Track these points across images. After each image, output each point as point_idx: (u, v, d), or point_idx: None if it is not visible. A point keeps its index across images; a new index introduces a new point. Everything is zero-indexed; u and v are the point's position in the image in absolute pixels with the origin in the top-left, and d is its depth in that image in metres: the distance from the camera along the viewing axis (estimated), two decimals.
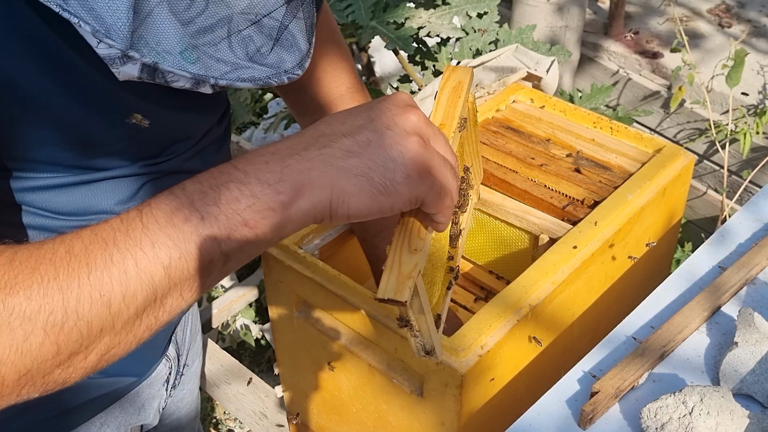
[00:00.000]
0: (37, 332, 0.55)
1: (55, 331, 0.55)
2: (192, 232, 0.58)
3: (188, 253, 0.58)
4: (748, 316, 0.88)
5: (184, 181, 0.60)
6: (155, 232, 0.57)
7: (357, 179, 0.61)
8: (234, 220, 0.58)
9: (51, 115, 0.70)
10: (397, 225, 0.72)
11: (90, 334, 0.57)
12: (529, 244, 1.22)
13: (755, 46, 2.67)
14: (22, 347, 0.55)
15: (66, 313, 0.56)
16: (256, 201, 0.59)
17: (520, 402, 1.04)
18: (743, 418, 0.79)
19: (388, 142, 0.62)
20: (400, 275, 0.69)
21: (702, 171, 2.46)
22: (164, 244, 0.57)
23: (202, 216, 0.58)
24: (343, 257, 1.25)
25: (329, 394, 1.23)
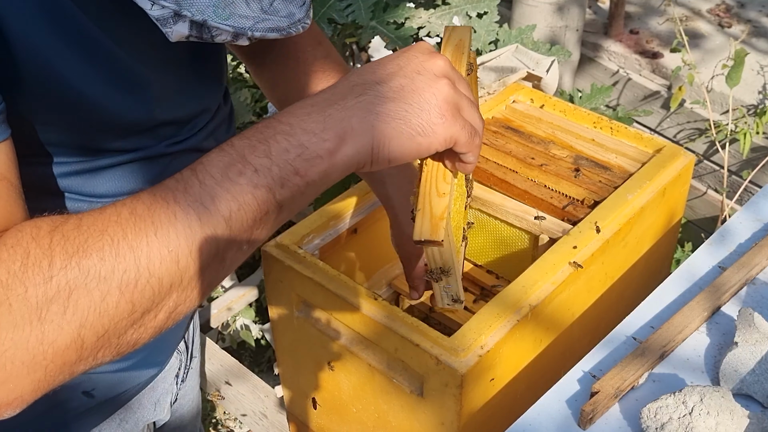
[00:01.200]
0: (113, 292, 0.57)
1: (129, 290, 0.57)
2: (248, 184, 0.59)
3: (246, 205, 0.59)
4: (748, 316, 0.88)
5: (230, 138, 0.62)
6: (213, 187, 0.59)
7: (395, 123, 0.63)
8: (286, 170, 0.60)
9: (88, 98, 0.71)
10: (421, 173, 0.75)
11: (161, 290, 0.58)
12: (529, 245, 1.22)
13: (755, 46, 2.67)
14: (100, 308, 0.56)
15: (138, 271, 0.57)
16: (305, 150, 0.61)
17: (520, 402, 1.04)
18: (743, 418, 0.79)
19: (421, 86, 0.64)
20: (432, 217, 0.73)
21: (702, 171, 2.46)
22: (223, 197, 0.59)
23: (255, 168, 0.60)
24: (343, 257, 1.25)
25: (329, 394, 1.23)
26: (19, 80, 0.66)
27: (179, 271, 0.59)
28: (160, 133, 0.82)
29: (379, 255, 1.34)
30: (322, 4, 1.77)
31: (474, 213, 1.28)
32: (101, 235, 0.57)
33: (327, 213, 1.21)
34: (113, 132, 0.76)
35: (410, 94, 0.64)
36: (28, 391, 0.57)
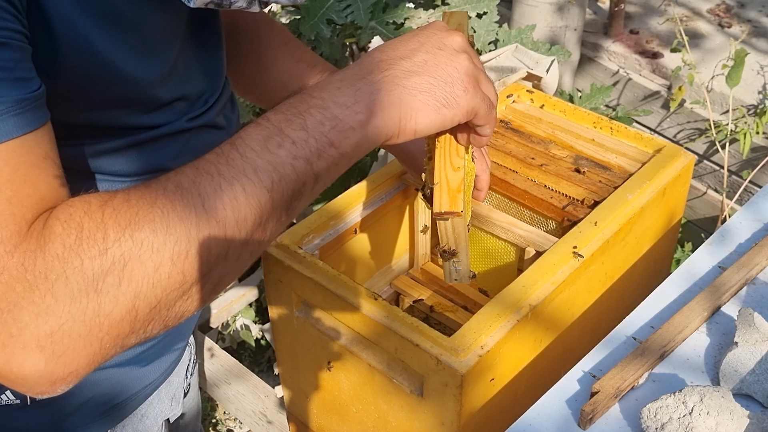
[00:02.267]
0: (165, 263, 0.58)
1: (180, 260, 0.59)
2: (287, 156, 0.62)
3: (287, 176, 0.62)
4: (748, 316, 0.88)
5: (264, 114, 0.64)
6: (254, 159, 0.61)
7: (421, 95, 0.66)
8: (321, 142, 0.63)
9: (118, 69, 0.72)
10: (434, 149, 0.79)
11: (209, 260, 0.60)
12: (515, 257, 1.22)
13: (755, 46, 2.67)
14: (153, 279, 0.58)
15: (189, 241, 0.59)
16: (338, 122, 0.64)
17: (520, 402, 1.04)
18: (743, 418, 0.79)
19: (443, 60, 0.67)
20: (450, 190, 0.78)
21: (702, 171, 2.46)
22: (265, 168, 0.61)
23: (293, 141, 0.62)
24: (343, 257, 1.25)
25: (329, 394, 1.23)
26: (58, 58, 0.66)
27: (226, 241, 0.61)
28: (178, 108, 0.83)
29: (379, 255, 1.34)
30: (322, 4, 1.77)
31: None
32: (151, 207, 0.58)
33: (327, 213, 1.21)
34: (140, 106, 0.78)
35: (434, 68, 0.67)
36: (83, 364, 0.58)
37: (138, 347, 0.91)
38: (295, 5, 0.84)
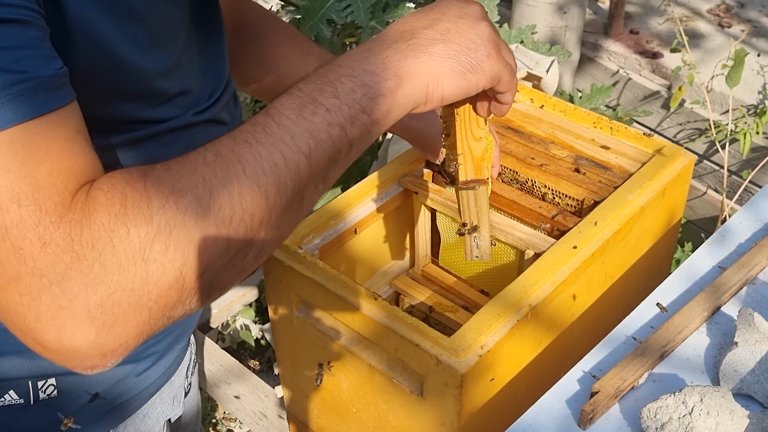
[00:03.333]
0: (211, 229, 0.58)
1: (225, 226, 0.59)
2: (322, 122, 0.63)
3: (323, 142, 0.63)
4: (748, 316, 0.88)
5: (296, 84, 0.65)
6: (291, 126, 0.62)
7: (447, 61, 0.67)
8: (354, 109, 0.64)
9: (126, 61, 0.72)
10: (453, 122, 0.80)
11: (252, 227, 0.60)
12: (515, 259, 1.22)
13: (755, 46, 2.67)
14: (199, 246, 0.58)
15: (232, 207, 0.59)
16: (369, 90, 0.65)
17: (520, 402, 1.04)
18: (743, 418, 0.79)
19: (465, 28, 0.69)
20: (474, 159, 0.81)
21: (702, 171, 2.46)
22: (302, 135, 0.62)
23: (327, 108, 0.63)
24: (343, 257, 1.25)
25: (329, 394, 1.23)
26: (69, 47, 0.66)
27: (268, 208, 0.61)
28: (184, 102, 0.83)
29: (379, 255, 1.34)
30: (322, 4, 1.77)
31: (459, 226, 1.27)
32: (192, 175, 0.59)
33: (327, 213, 1.21)
34: (146, 100, 0.78)
35: (457, 35, 0.68)
36: (133, 335, 0.57)
37: (141, 346, 0.91)
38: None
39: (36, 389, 0.85)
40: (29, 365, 0.84)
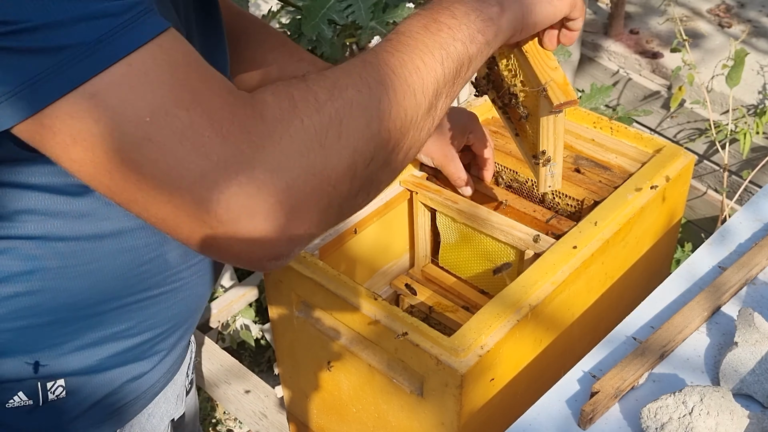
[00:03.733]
0: (374, 119, 0.63)
1: (385, 118, 0.63)
2: (448, 37, 0.69)
3: (451, 54, 0.69)
4: (748, 316, 0.88)
5: (413, 13, 0.71)
6: (423, 40, 0.68)
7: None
8: (471, 29, 0.71)
9: None
10: (527, 61, 0.89)
11: (405, 123, 0.65)
12: (515, 259, 1.22)
13: (755, 46, 2.67)
14: (366, 134, 0.62)
15: (389, 101, 0.64)
16: (480, 13, 0.72)
17: (520, 402, 1.04)
18: (743, 418, 0.79)
19: None
20: (560, 84, 0.88)
21: (702, 171, 2.46)
22: (434, 46, 0.68)
23: (449, 26, 0.70)
24: (343, 257, 1.25)
25: (329, 394, 1.23)
26: None
27: (416, 106, 0.66)
28: None
29: (379, 255, 1.34)
30: (322, 4, 1.77)
31: (459, 227, 1.28)
32: (348, 75, 0.63)
33: None
34: None
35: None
36: (315, 221, 0.61)
37: (147, 344, 0.91)
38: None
39: (45, 390, 0.85)
40: (38, 366, 0.84)
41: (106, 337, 0.86)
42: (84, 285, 0.81)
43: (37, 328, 0.81)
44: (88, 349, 0.85)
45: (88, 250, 0.79)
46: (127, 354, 0.89)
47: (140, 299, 0.86)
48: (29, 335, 0.81)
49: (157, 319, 0.90)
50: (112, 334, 0.86)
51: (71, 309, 0.82)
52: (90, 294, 0.82)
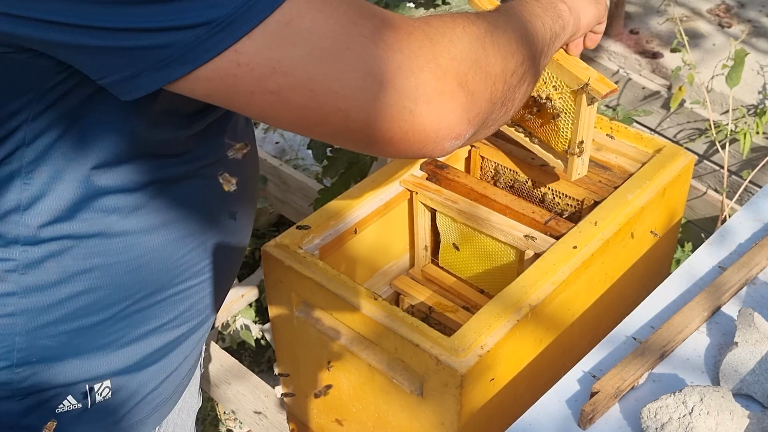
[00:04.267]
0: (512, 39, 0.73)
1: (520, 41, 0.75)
2: (543, 14, 0.82)
3: (542, 28, 0.81)
4: (748, 316, 0.88)
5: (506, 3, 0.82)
6: (523, 13, 0.80)
7: (593, 3, 0.91)
8: (553, 17, 0.84)
9: None
10: (557, 66, 1.08)
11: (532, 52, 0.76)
12: (515, 259, 1.22)
13: (755, 46, 2.67)
14: (509, 47, 0.72)
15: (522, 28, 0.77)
16: (555, 9, 0.85)
17: (520, 402, 1.04)
18: (743, 418, 0.79)
19: None
20: (599, 78, 1.06)
21: (702, 171, 2.46)
22: (533, 19, 0.80)
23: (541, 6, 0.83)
24: (343, 257, 1.25)
25: (329, 394, 1.23)
26: None
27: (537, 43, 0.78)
28: None
29: (379, 255, 1.34)
30: None
31: (459, 227, 1.28)
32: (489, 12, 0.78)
33: (327, 213, 1.21)
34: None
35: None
36: (483, 108, 0.68)
37: (183, 335, 0.91)
38: None
39: (93, 392, 0.85)
40: (87, 367, 0.83)
41: (148, 332, 0.86)
42: (136, 279, 0.81)
43: (89, 328, 0.81)
44: (132, 346, 0.85)
45: (139, 243, 0.80)
46: (166, 348, 0.89)
47: (182, 290, 0.87)
48: (82, 336, 0.81)
49: (193, 311, 0.91)
50: (154, 329, 0.86)
51: (123, 305, 0.82)
52: (140, 288, 0.82)
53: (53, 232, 0.75)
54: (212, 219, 0.86)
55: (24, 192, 0.72)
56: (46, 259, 0.76)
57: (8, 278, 0.76)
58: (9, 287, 0.76)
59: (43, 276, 0.76)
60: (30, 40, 0.61)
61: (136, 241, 0.79)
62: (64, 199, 0.74)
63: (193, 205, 0.83)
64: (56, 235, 0.75)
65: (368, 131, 0.64)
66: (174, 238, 0.82)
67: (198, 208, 0.84)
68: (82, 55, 0.61)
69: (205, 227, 0.85)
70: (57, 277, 0.77)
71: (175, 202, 0.81)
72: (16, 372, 0.80)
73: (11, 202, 0.73)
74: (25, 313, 0.77)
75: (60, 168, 0.72)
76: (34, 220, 0.74)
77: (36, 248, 0.75)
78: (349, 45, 0.61)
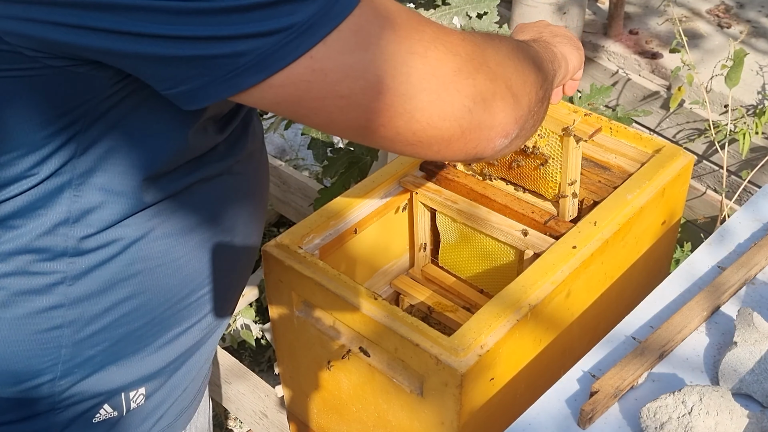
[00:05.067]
0: (531, 62, 0.77)
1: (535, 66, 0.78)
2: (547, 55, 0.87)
3: (549, 64, 0.86)
4: (747, 316, 0.88)
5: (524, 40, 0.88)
6: (537, 50, 0.85)
7: (569, 47, 0.96)
8: (552, 52, 0.90)
9: None
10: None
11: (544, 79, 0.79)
12: (515, 259, 1.22)
13: (755, 46, 2.67)
14: (533, 66, 0.77)
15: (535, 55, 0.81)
16: (556, 50, 0.91)
17: (519, 401, 1.04)
18: (742, 418, 0.79)
19: (561, 30, 0.99)
20: (582, 117, 1.18)
21: (701, 171, 2.46)
22: (541, 52, 0.85)
23: (545, 49, 0.88)
24: (343, 257, 1.25)
25: (329, 394, 1.23)
26: None
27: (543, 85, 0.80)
28: None
29: (379, 255, 1.34)
30: None
31: (458, 227, 1.28)
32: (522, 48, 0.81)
33: (327, 213, 1.21)
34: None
35: (562, 32, 0.98)
36: (523, 113, 0.73)
37: (207, 334, 0.92)
38: None
39: (128, 400, 0.85)
40: (124, 374, 0.83)
41: (179, 334, 0.86)
42: (175, 282, 0.82)
43: (130, 334, 0.81)
44: (164, 349, 0.85)
45: (179, 244, 0.81)
46: (192, 349, 0.90)
47: (212, 289, 0.88)
48: (122, 343, 0.81)
49: (217, 310, 0.91)
50: (184, 330, 0.87)
51: (161, 309, 0.82)
52: (179, 290, 0.83)
53: (100, 241, 0.75)
54: (239, 215, 0.88)
55: (74, 204, 0.72)
56: (94, 268, 0.76)
57: (55, 291, 0.75)
58: (56, 299, 0.76)
59: (90, 285, 0.76)
60: (98, 51, 0.61)
61: (175, 242, 0.80)
62: (113, 209, 0.74)
63: (224, 202, 0.85)
64: (103, 243, 0.75)
65: (431, 131, 0.66)
66: (207, 237, 0.83)
67: (229, 205, 0.85)
68: (152, 64, 0.61)
69: (233, 224, 0.87)
70: (103, 285, 0.77)
71: (209, 200, 0.83)
72: (59, 384, 0.80)
73: (61, 215, 0.73)
74: (72, 324, 0.77)
75: (109, 178, 0.72)
76: (83, 232, 0.74)
77: (83, 258, 0.75)
78: (413, 49, 0.64)
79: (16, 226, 0.72)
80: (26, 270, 0.74)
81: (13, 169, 0.69)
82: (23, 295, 0.75)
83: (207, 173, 0.80)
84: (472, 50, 0.68)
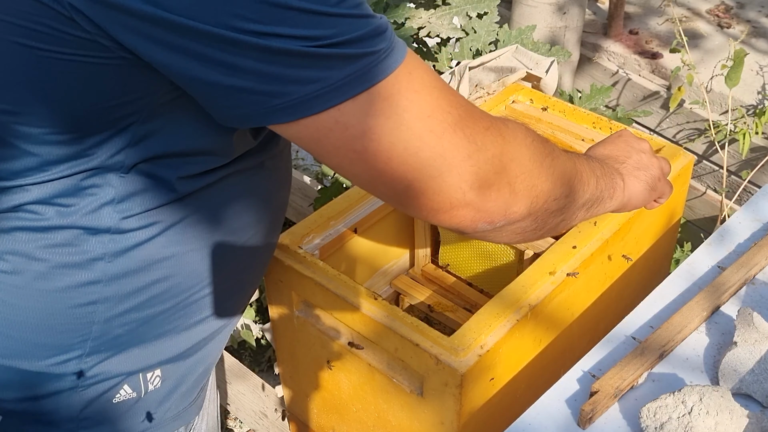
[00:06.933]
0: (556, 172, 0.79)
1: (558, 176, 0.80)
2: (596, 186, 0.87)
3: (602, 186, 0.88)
4: (747, 316, 0.88)
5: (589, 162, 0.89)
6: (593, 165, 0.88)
7: (641, 184, 0.93)
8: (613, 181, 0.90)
9: None
10: None
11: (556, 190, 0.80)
12: (515, 258, 1.22)
13: (755, 46, 2.67)
14: (555, 178, 0.79)
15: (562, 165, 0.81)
16: (620, 181, 0.91)
17: (519, 402, 1.04)
18: (742, 418, 0.79)
19: (648, 160, 0.95)
20: None
21: (701, 171, 2.46)
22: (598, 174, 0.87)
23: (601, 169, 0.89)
24: (343, 257, 1.25)
25: (329, 394, 1.23)
26: None
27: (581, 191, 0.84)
28: None
29: (379, 255, 1.34)
30: None
31: None
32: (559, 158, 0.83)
33: (327, 213, 1.21)
34: None
35: (646, 164, 0.95)
36: (524, 206, 0.75)
37: (224, 325, 0.94)
38: None
39: (146, 381, 0.88)
40: (144, 355, 0.86)
41: (198, 322, 0.90)
42: (204, 267, 0.86)
43: (155, 316, 0.84)
44: (183, 334, 0.89)
45: (211, 232, 0.85)
46: (208, 338, 0.93)
47: (239, 280, 0.92)
48: (147, 325, 0.85)
49: (236, 303, 0.95)
50: (203, 319, 0.90)
51: (188, 293, 0.86)
52: (208, 275, 0.87)
53: (140, 223, 0.79)
54: (267, 209, 0.92)
55: (120, 187, 0.77)
56: (132, 248, 0.80)
57: (95, 266, 0.79)
58: (95, 275, 0.79)
59: (128, 264, 0.80)
60: (155, 61, 0.65)
61: (207, 230, 0.84)
62: (153, 194, 0.79)
63: (255, 195, 0.88)
64: (143, 225, 0.79)
65: (423, 200, 0.71)
66: (236, 228, 0.87)
67: (259, 198, 0.89)
68: (201, 87, 0.66)
69: (260, 217, 0.90)
70: (139, 264, 0.81)
71: (241, 192, 0.86)
72: (85, 361, 0.83)
73: (108, 196, 0.77)
74: (106, 301, 0.81)
75: (155, 167, 0.77)
76: (125, 212, 0.78)
77: (123, 237, 0.79)
78: (432, 128, 0.68)
79: (69, 204, 0.76)
80: (70, 244, 0.78)
81: (74, 147, 0.73)
82: (64, 269, 0.79)
83: (241, 166, 0.84)
84: (492, 140, 0.71)
